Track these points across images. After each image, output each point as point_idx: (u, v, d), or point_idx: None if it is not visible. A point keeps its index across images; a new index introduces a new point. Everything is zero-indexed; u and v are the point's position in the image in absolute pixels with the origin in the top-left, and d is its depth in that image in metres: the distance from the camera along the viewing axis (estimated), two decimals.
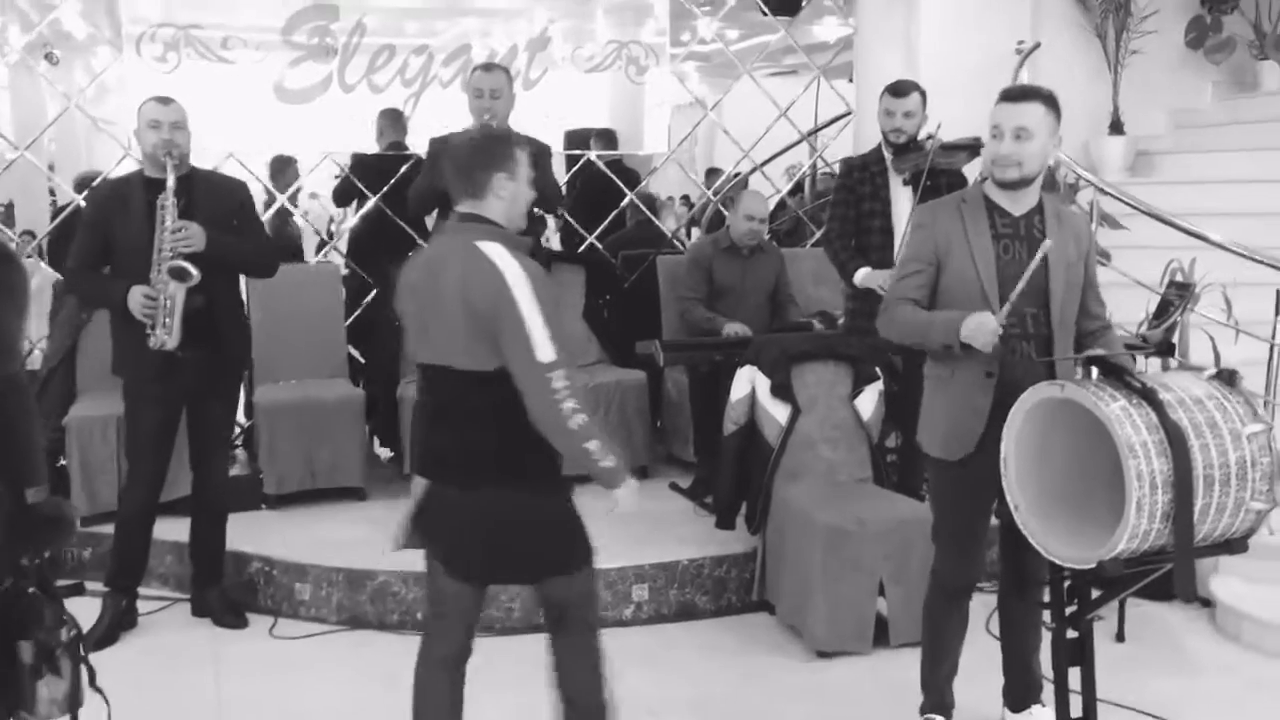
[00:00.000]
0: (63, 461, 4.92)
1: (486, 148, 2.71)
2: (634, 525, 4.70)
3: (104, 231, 4.01)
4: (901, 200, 4.50)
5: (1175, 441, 2.45)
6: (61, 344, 4.99)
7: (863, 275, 4.49)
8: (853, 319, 4.68)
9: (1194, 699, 3.61)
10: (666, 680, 3.83)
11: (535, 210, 4.75)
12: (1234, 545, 2.61)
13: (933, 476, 3.19)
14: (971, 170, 4.51)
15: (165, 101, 3.99)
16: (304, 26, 5.49)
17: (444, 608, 2.83)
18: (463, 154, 2.72)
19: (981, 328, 2.81)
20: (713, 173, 10.63)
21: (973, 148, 4.40)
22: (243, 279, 4.47)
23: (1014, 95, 3.00)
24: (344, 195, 6.19)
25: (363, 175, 5.84)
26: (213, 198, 4.04)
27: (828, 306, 6.01)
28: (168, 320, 3.87)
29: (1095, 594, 2.77)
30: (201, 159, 5.84)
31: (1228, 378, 2.65)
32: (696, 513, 4.91)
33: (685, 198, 10.27)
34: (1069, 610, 2.81)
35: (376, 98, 5.67)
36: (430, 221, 5.18)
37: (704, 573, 4.37)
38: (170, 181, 3.88)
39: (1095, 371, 2.73)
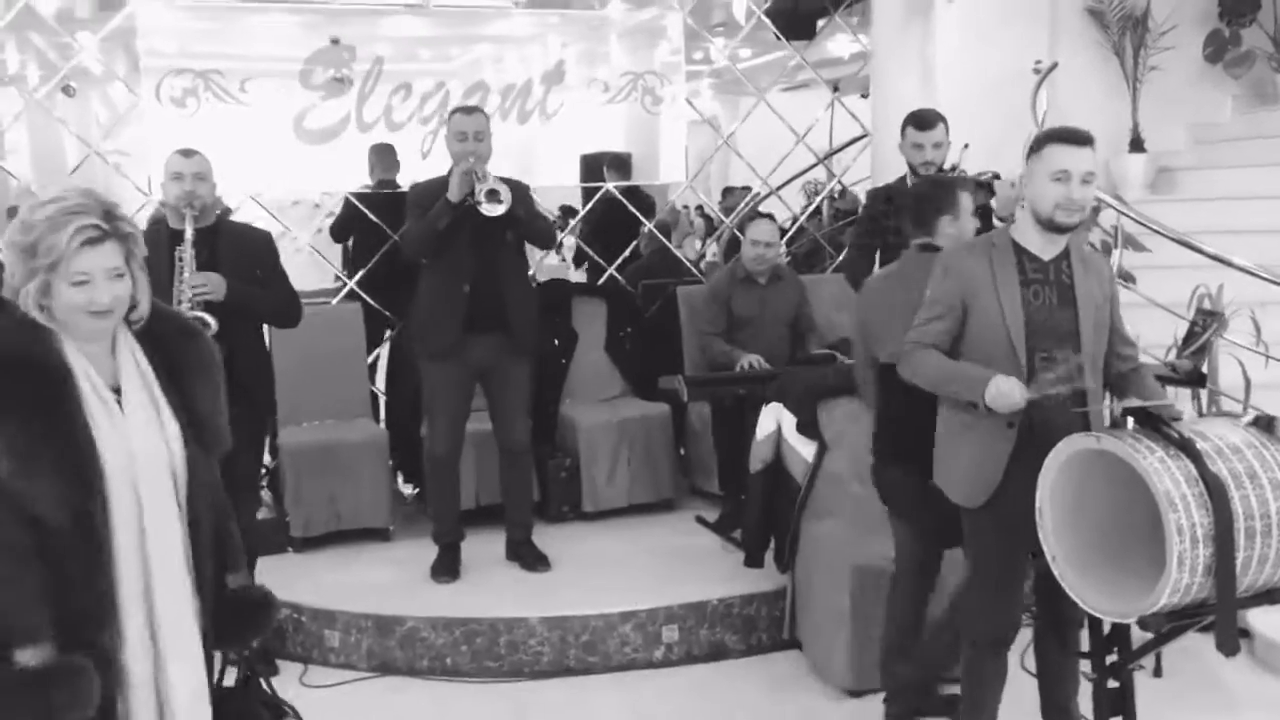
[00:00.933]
0: None
1: (933, 194, 3.68)
2: (662, 563, 4.72)
3: None
4: None
5: (1216, 494, 2.41)
6: None
7: None
8: None
9: None
10: None
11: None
12: (1276, 595, 2.57)
13: (965, 523, 3.15)
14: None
15: (188, 154, 4.01)
16: (321, 67, 5.50)
17: None
18: (914, 198, 3.77)
19: (1007, 398, 2.78)
20: (729, 191, 10.64)
21: (989, 185, 4.37)
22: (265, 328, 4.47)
23: (1079, 139, 2.93)
24: (342, 230, 6.15)
25: (362, 213, 5.83)
26: (236, 249, 4.05)
27: (850, 333, 5.98)
28: None
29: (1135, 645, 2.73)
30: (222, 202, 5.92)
31: (1266, 424, 2.62)
32: (724, 548, 4.88)
33: (700, 209, 10.23)
34: (1109, 660, 2.77)
35: (394, 135, 5.68)
36: None
37: (734, 611, 4.34)
38: (189, 233, 3.88)
39: (1130, 420, 2.69)
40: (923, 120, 4.53)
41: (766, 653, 4.33)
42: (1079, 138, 2.95)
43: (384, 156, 5.79)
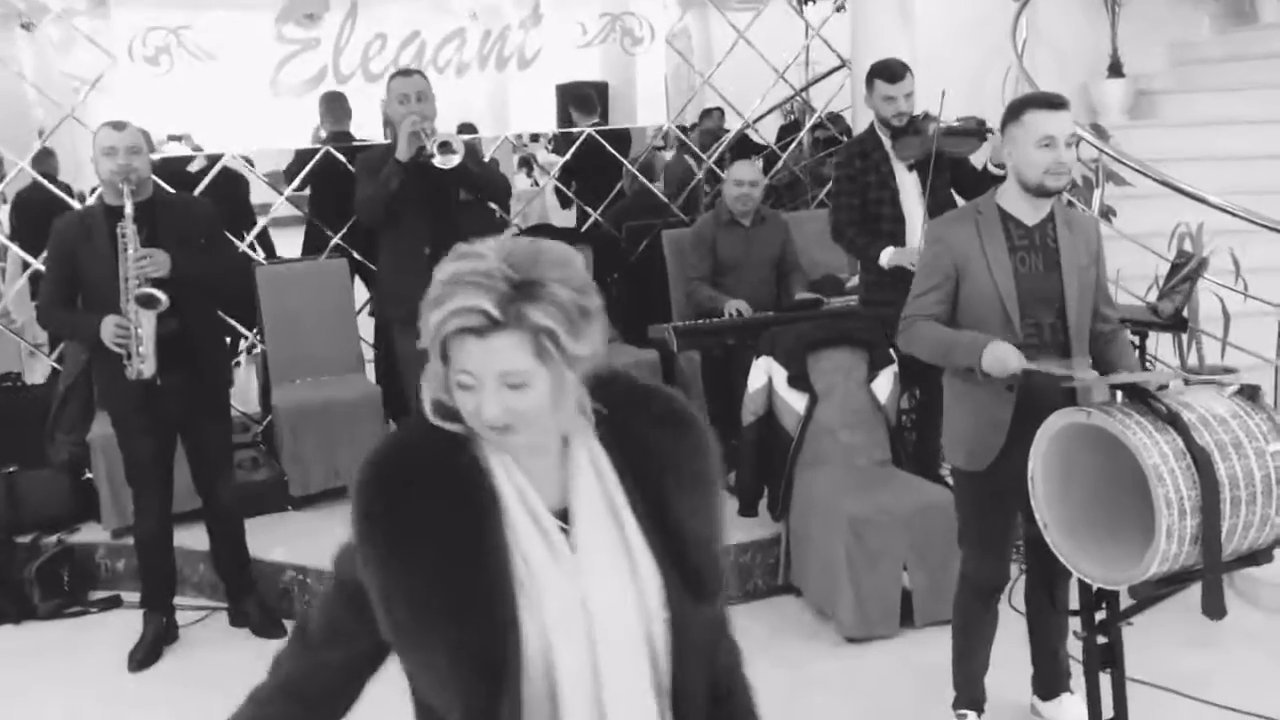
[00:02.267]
0: (88, 474, 5.00)
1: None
2: None
3: (70, 265, 3.97)
4: (909, 187, 4.49)
5: (1202, 467, 2.49)
6: (77, 360, 5.00)
7: (889, 255, 4.45)
8: (869, 293, 4.67)
9: (1219, 671, 3.70)
10: None
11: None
12: (1259, 557, 2.67)
13: (957, 485, 3.25)
14: (978, 157, 4.50)
15: (119, 126, 3.91)
16: (295, 20, 5.41)
17: None
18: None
19: (1002, 364, 2.85)
20: (707, 114, 10.54)
21: (979, 133, 4.37)
22: None
23: (1058, 103, 2.98)
24: (291, 175, 6.11)
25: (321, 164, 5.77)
26: (177, 221, 4.00)
27: (834, 270, 6.03)
28: (141, 349, 3.85)
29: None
30: (201, 160, 5.87)
31: (1250, 394, 2.69)
32: None
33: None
34: (1098, 618, 2.88)
35: (372, 87, 5.61)
36: None
37: (729, 559, 4.45)
38: (128, 209, 3.82)
39: (1119, 393, 2.77)
40: (893, 72, 4.50)
41: (764, 598, 4.45)
42: (1058, 102, 2.99)
43: (334, 106, 5.68)
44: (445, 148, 4.25)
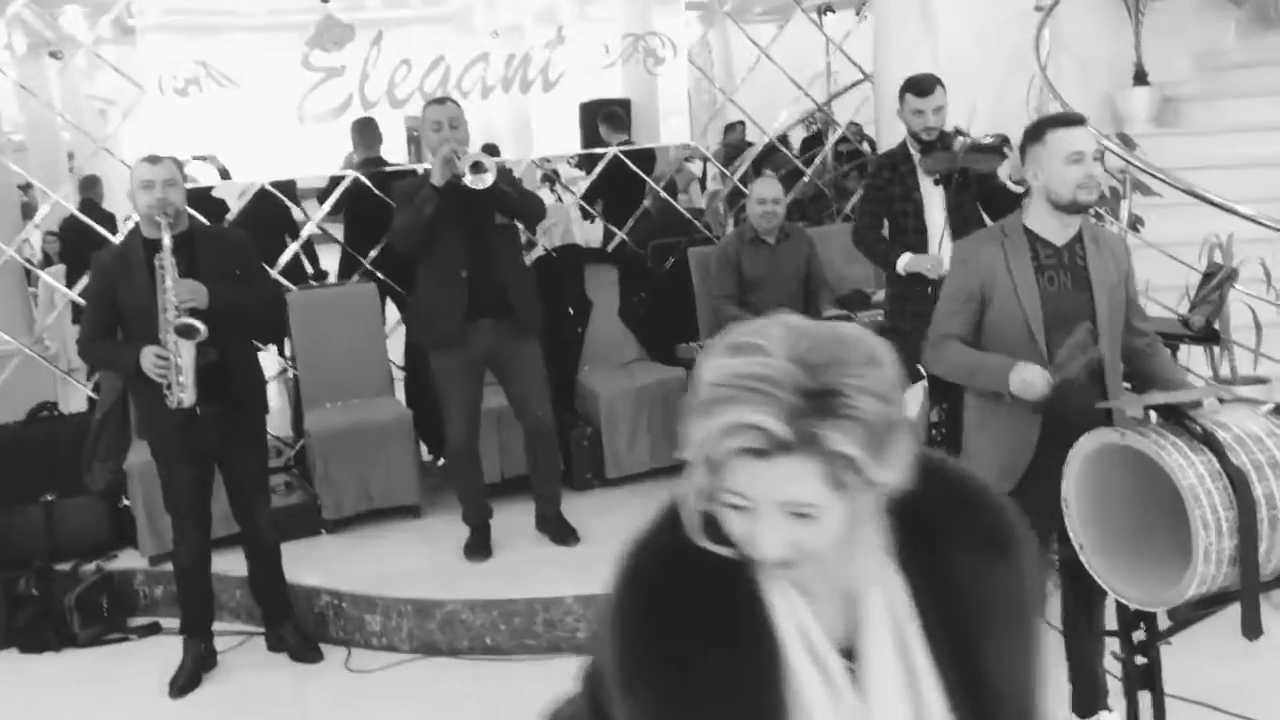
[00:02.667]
0: (125, 502, 5.06)
1: None
2: None
3: (111, 298, 4.03)
4: (934, 201, 4.50)
5: (1239, 487, 2.49)
6: (113, 388, 5.07)
7: (906, 260, 4.48)
8: (892, 317, 4.70)
9: (1257, 685, 3.65)
10: None
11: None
12: None
13: None
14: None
15: (155, 160, 3.97)
16: (321, 47, 5.47)
17: None
18: None
19: (1030, 387, 2.85)
20: (730, 129, 10.57)
21: (999, 149, 4.38)
22: None
23: (1078, 119, 3.02)
24: (323, 200, 6.12)
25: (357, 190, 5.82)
26: (214, 252, 4.05)
27: (860, 284, 6.03)
28: (181, 379, 3.89)
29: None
30: (231, 187, 5.95)
31: None
32: None
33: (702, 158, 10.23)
34: (1137, 638, 2.88)
35: (397, 113, 5.67)
36: None
37: None
38: (166, 240, 3.86)
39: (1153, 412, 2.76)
40: (921, 87, 4.50)
41: None
42: (1077, 118, 3.03)
43: (366, 133, 5.75)
44: (477, 167, 4.28)
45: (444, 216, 4.38)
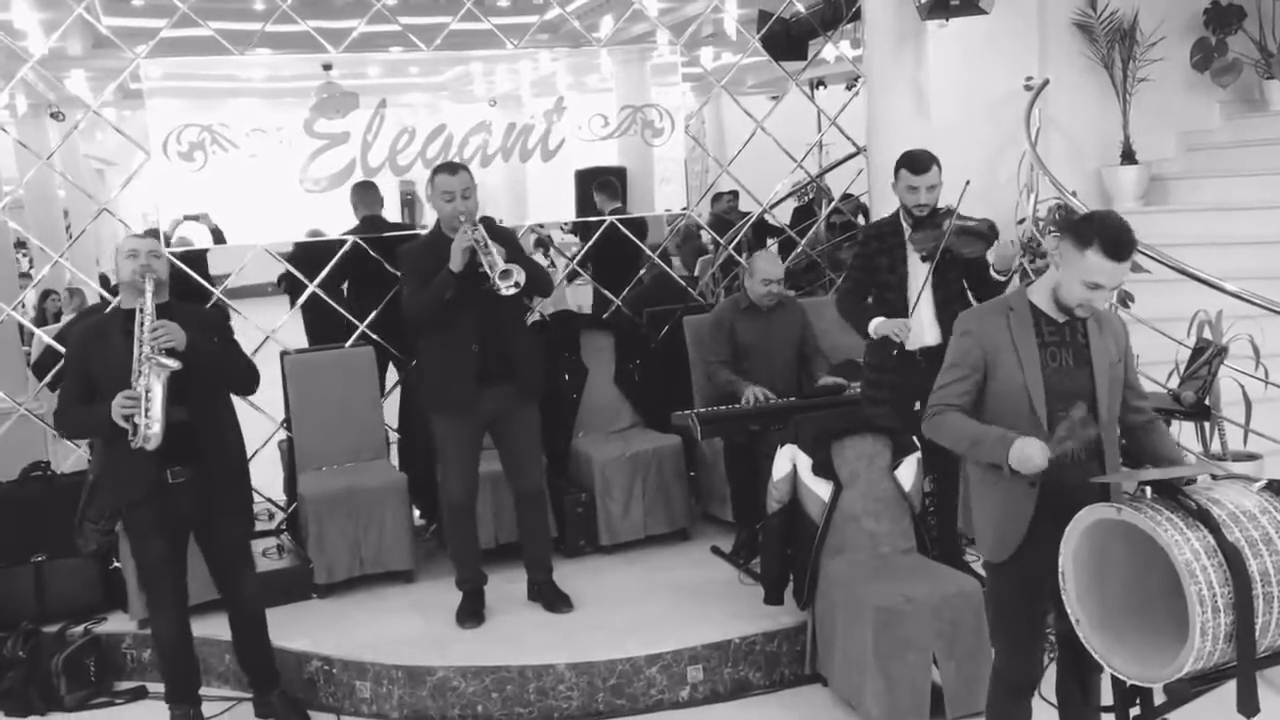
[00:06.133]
0: (116, 564, 5.03)
1: None
2: (684, 601, 4.81)
3: (85, 369, 4.02)
4: (918, 274, 4.56)
5: (1234, 565, 2.51)
6: (104, 451, 5.06)
7: (877, 323, 4.55)
8: (871, 387, 4.73)
9: None
10: None
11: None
12: None
13: (988, 579, 3.26)
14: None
15: (143, 236, 4.16)
16: (326, 115, 5.56)
17: None
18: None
19: (1029, 461, 2.87)
20: (718, 198, 10.70)
21: (988, 237, 4.45)
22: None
23: (1125, 256, 2.91)
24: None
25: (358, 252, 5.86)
26: (191, 323, 3.99)
27: (854, 354, 6.08)
28: (150, 412, 3.81)
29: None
30: (227, 255, 5.98)
31: (1277, 488, 2.72)
32: (742, 580, 4.99)
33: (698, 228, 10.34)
34: (1132, 714, 2.88)
35: (398, 180, 5.74)
36: None
37: (756, 649, 4.44)
38: (148, 294, 3.87)
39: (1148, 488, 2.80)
40: (917, 163, 4.55)
41: (790, 687, 4.44)
42: (1125, 255, 2.91)
43: (365, 195, 5.79)
44: (506, 276, 4.36)
45: (458, 295, 4.44)
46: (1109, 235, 2.89)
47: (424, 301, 4.48)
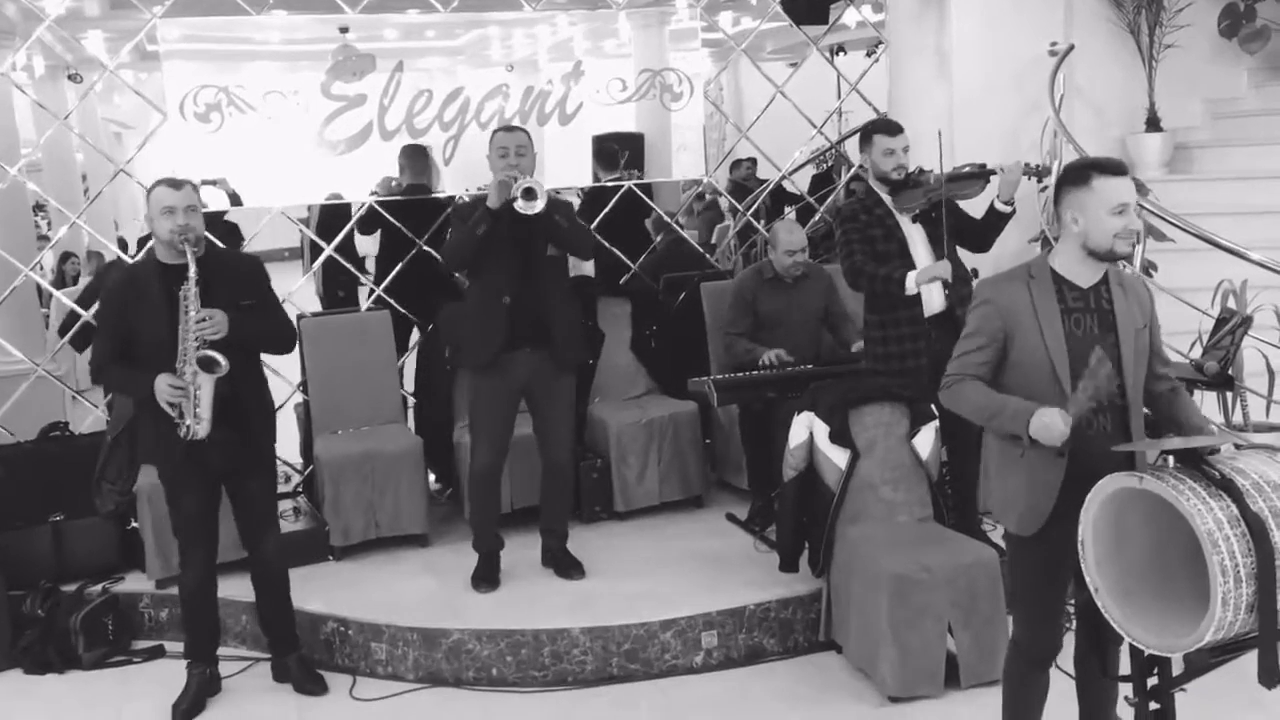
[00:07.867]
0: (134, 524, 5.05)
1: None
2: (698, 568, 4.81)
3: (123, 322, 3.99)
4: (916, 238, 4.55)
5: (1257, 534, 2.49)
6: (124, 410, 5.07)
7: (915, 275, 4.46)
8: (880, 360, 4.68)
9: None
10: None
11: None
12: None
13: (1010, 550, 3.23)
14: (982, 198, 4.54)
15: (177, 185, 3.92)
16: (342, 77, 5.52)
17: None
18: None
19: (1050, 430, 2.83)
20: (736, 165, 10.61)
21: (984, 175, 4.43)
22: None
23: (1123, 169, 2.97)
24: (370, 223, 6.13)
25: (391, 214, 5.84)
26: (229, 278, 4.01)
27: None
28: (199, 411, 3.87)
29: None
30: (247, 215, 5.97)
31: None
32: (757, 548, 4.98)
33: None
34: (1150, 684, 2.86)
35: (416, 142, 5.70)
36: None
37: (771, 615, 4.44)
38: (192, 271, 3.83)
39: (1170, 457, 2.76)
40: (892, 127, 4.63)
41: (805, 654, 4.44)
42: (1123, 168, 2.98)
43: (415, 160, 5.76)
44: (529, 193, 4.34)
45: (495, 241, 4.43)
46: (1099, 161, 3.01)
47: (459, 238, 4.50)
